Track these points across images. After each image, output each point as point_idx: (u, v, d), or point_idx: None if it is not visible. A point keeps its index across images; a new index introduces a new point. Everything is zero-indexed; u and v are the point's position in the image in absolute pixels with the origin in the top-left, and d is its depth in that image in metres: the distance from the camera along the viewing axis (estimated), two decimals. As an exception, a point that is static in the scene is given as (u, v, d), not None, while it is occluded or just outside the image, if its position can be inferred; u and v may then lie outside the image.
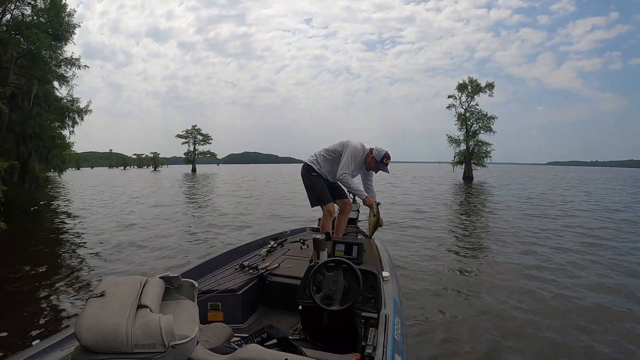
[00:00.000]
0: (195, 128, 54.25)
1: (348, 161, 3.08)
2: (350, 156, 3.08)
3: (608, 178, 39.67)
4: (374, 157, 3.14)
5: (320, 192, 3.19)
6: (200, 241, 6.62)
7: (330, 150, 3.21)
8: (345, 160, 3.08)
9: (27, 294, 3.86)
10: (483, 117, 29.02)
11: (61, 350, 1.26)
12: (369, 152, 3.17)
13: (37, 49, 11.94)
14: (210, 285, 2.23)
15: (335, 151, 3.18)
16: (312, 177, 3.21)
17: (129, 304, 0.98)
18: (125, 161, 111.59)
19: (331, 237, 2.68)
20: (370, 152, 3.16)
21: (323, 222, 3.21)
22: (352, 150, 3.10)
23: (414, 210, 10.43)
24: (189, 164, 54.52)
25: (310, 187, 3.24)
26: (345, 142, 3.18)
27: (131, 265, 4.97)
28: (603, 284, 4.26)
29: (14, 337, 2.89)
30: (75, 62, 14.03)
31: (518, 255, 5.59)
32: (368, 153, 3.17)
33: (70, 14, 13.09)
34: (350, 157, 3.08)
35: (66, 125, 15.15)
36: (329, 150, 3.21)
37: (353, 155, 3.10)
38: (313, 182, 3.21)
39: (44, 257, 5.58)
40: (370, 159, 3.16)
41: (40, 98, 13.00)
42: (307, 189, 3.28)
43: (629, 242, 6.53)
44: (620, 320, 3.28)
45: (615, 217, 9.79)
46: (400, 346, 1.55)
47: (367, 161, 3.18)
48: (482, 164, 29.48)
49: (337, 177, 3.11)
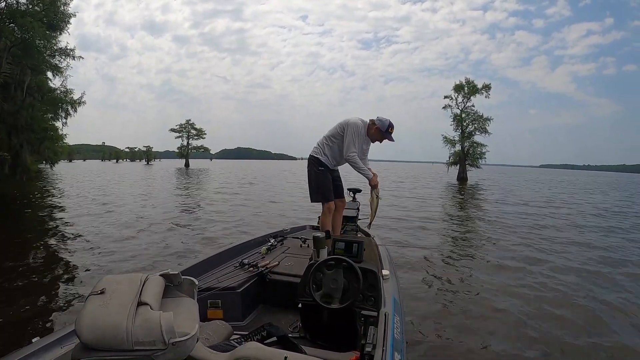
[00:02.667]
0: (189, 122, 54.02)
1: (352, 139, 3.06)
2: (352, 134, 3.07)
3: (598, 182, 40.53)
4: (378, 128, 3.11)
5: (325, 188, 3.16)
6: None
7: (332, 136, 3.18)
8: (349, 139, 3.06)
9: (23, 289, 3.81)
10: (479, 119, 29.18)
11: (61, 347, 1.24)
12: (370, 124, 3.15)
13: (31, 38, 11.75)
14: (210, 282, 2.21)
15: (336, 135, 3.16)
16: (320, 171, 3.18)
17: (129, 301, 0.98)
18: (118, 154, 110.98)
19: (331, 235, 2.68)
20: (373, 124, 3.13)
21: (323, 219, 3.18)
22: (353, 128, 3.08)
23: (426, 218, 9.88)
24: (182, 159, 54.14)
25: (315, 181, 3.19)
26: (343, 122, 3.14)
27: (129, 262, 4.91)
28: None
29: (12, 333, 2.85)
30: (70, 52, 13.85)
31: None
32: (370, 125, 3.15)
33: (65, 3, 12.90)
34: (353, 135, 3.07)
35: (59, 116, 14.97)
36: (331, 137, 3.18)
37: (356, 133, 3.08)
38: (320, 177, 3.17)
39: (38, 251, 5.50)
40: (375, 130, 3.13)
41: (33, 88, 12.82)
42: (311, 182, 3.23)
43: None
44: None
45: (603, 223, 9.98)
46: (400, 344, 1.54)
47: (371, 133, 3.15)
48: (477, 165, 29.70)
49: (345, 157, 3.08)
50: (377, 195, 3.12)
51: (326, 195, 3.16)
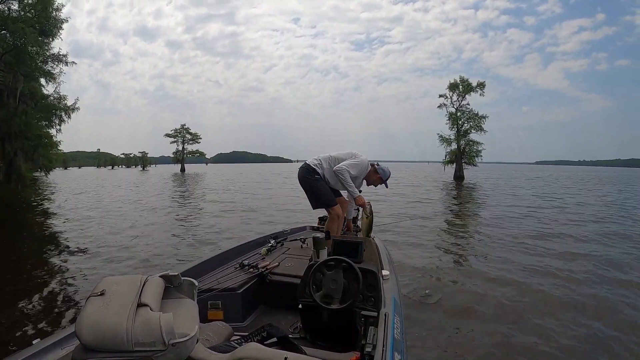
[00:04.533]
0: (184, 127, 53.49)
1: (353, 164, 3.11)
2: (356, 163, 3.13)
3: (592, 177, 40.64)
4: (379, 176, 3.28)
5: (324, 194, 3.16)
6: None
7: (337, 158, 3.19)
8: (352, 162, 3.11)
9: (22, 291, 3.81)
10: (474, 117, 29.18)
11: (61, 349, 1.24)
12: (373, 170, 3.27)
13: (23, 44, 11.68)
14: (210, 284, 2.20)
15: (341, 160, 3.17)
16: (315, 179, 3.17)
17: (129, 302, 0.98)
18: (113, 161, 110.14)
19: (331, 236, 2.69)
20: (376, 171, 3.27)
21: (330, 225, 3.12)
22: (361, 161, 3.17)
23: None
24: (178, 164, 53.64)
25: (311, 189, 3.19)
26: (355, 152, 3.24)
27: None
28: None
29: (12, 335, 2.82)
30: (63, 58, 13.77)
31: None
32: (372, 171, 3.27)
33: (57, 9, 12.85)
34: (356, 163, 3.13)
35: (53, 123, 14.87)
36: (336, 158, 3.19)
37: (360, 166, 3.16)
38: (316, 184, 3.16)
39: (37, 256, 5.49)
40: (377, 178, 3.29)
41: (26, 95, 12.72)
42: (308, 191, 3.22)
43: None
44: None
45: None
46: (400, 345, 1.54)
47: (372, 179, 3.30)
48: (473, 163, 29.69)
49: (336, 168, 3.08)
50: (367, 214, 3.14)
51: (327, 200, 3.15)
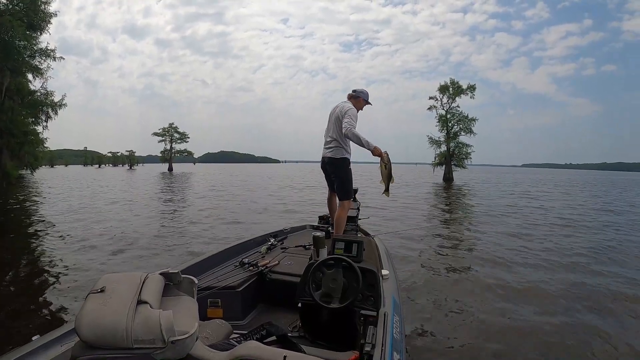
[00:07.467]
0: (172, 126, 52.81)
1: (350, 116, 3.18)
2: (351, 114, 3.20)
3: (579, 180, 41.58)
4: (362, 99, 3.42)
5: (351, 186, 3.36)
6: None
7: (337, 120, 3.27)
8: (348, 117, 3.18)
9: (21, 288, 3.81)
10: (464, 119, 29.61)
11: (61, 345, 1.24)
12: (355, 100, 3.39)
13: (10, 38, 11.38)
14: (209, 282, 2.19)
15: (339, 121, 3.25)
16: (350, 170, 3.35)
17: (128, 299, 0.98)
18: (100, 159, 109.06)
19: (331, 234, 2.68)
20: (357, 97, 3.40)
21: (341, 213, 3.24)
22: (351, 110, 3.24)
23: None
24: (165, 163, 53.06)
25: (346, 179, 3.34)
26: (340, 111, 3.25)
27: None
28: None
29: (12, 331, 2.81)
30: (50, 53, 13.50)
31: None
32: (355, 100, 3.39)
33: (46, 2, 12.57)
34: (351, 114, 3.19)
35: (40, 120, 14.58)
36: (338, 127, 3.26)
37: (353, 112, 3.23)
38: (350, 175, 3.35)
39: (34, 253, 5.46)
40: (362, 101, 3.42)
41: (13, 91, 12.43)
42: (341, 180, 3.35)
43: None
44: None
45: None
46: (400, 344, 1.55)
47: (359, 107, 3.40)
48: (463, 165, 30.11)
49: (344, 132, 3.15)
50: (385, 163, 3.24)
51: (351, 193, 3.35)
